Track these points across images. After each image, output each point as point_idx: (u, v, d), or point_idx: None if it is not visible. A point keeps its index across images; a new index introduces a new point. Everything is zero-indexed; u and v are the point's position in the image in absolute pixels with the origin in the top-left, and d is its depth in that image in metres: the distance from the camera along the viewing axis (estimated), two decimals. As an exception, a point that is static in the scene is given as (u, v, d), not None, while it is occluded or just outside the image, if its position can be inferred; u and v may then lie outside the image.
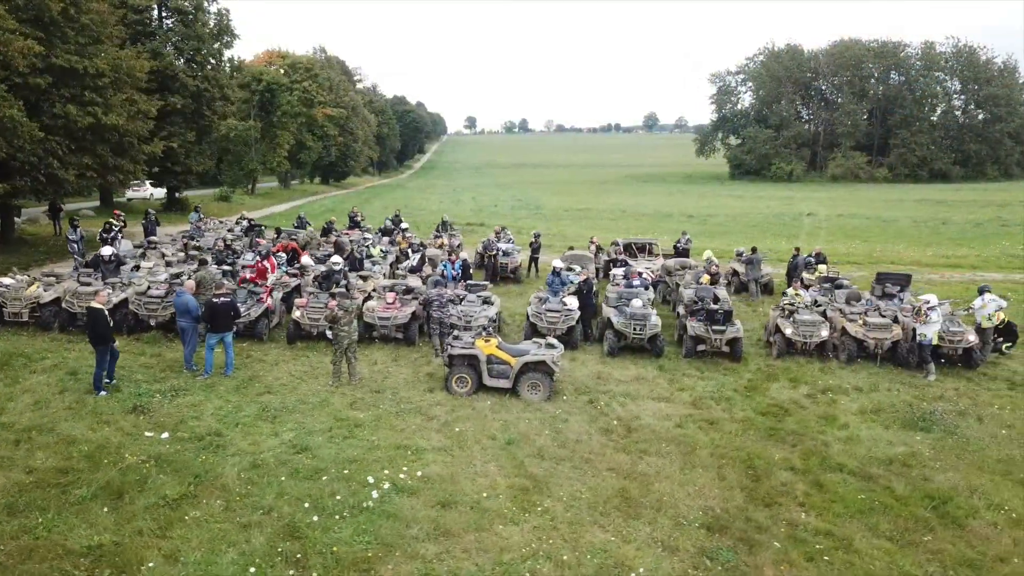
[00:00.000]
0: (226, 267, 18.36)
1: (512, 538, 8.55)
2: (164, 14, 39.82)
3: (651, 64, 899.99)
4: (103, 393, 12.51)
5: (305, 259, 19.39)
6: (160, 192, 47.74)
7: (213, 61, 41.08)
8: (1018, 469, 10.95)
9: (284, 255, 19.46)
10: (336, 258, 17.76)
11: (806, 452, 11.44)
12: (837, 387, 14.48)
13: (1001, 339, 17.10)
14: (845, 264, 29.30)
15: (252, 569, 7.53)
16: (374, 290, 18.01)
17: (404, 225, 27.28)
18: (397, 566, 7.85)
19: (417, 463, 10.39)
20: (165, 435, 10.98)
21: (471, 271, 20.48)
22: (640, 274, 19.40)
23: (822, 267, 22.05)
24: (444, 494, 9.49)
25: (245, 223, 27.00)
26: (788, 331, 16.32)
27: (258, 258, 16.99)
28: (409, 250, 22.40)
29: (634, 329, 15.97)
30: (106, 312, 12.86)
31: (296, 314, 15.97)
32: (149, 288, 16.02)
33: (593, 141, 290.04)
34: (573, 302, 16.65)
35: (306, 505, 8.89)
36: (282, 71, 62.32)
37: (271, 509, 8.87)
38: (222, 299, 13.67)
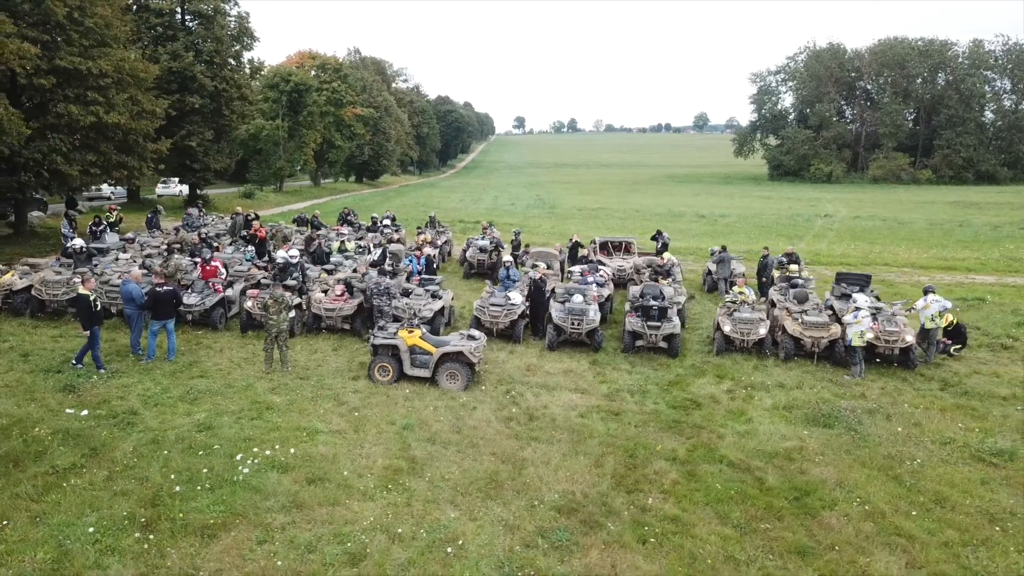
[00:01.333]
0: (198, 259, 19.21)
1: (362, 512, 9.07)
2: (186, 17, 41.30)
3: (703, 64, 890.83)
4: (79, 366, 13.69)
5: (281, 253, 20.13)
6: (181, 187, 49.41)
7: (233, 62, 42.45)
8: (898, 465, 11.08)
9: (252, 248, 20.29)
10: (293, 251, 18.49)
11: (696, 444, 11.71)
12: (760, 384, 14.65)
13: (950, 341, 17.00)
14: (837, 265, 29.01)
15: (91, 528, 8.20)
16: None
17: (386, 221, 28.04)
18: (239, 532, 8.45)
19: (308, 443, 10.97)
20: (84, 412, 11.75)
21: (435, 266, 21.01)
22: (596, 271, 19.71)
23: (793, 267, 21.99)
24: (317, 472, 10.06)
25: (240, 218, 27.98)
26: (727, 328, 16.51)
27: (199, 261, 17.78)
28: (371, 244, 23.04)
29: (572, 323, 16.35)
30: (91, 298, 13.69)
31: (248, 304, 16.72)
32: (113, 277, 16.93)
33: (641, 141, 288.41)
34: (517, 297, 17.07)
35: (172, 477, 9.55)
36: (312, 72, 63.77)
37: (147, 480, 9.54)
38: (164, 288, 14.47)
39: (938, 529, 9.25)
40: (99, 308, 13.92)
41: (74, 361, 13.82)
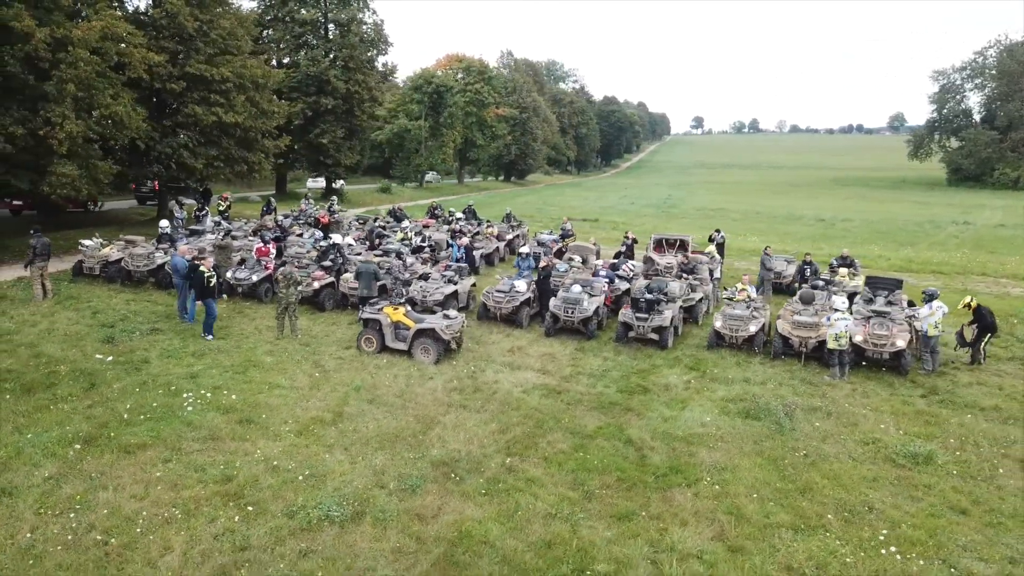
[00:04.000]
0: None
1: (262, 448, 10.73)
2: (328, 26, 45.30)
3: (899, 62, 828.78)
4: (210, 337, 15.85)
5: (336, 237, 22.45)
6: (338, 183, 54.19)
7: (368, 67, 46.02)
8: (790, 455, 11.31)
9: (320, 233, 22.80)
10: (336, 236, 20.65)
11: (613, 424, 12.41)
12: (724, 377, 14.94)
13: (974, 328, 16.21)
14: (928, 273, 27.62)
15: (26, 436, 10.44)
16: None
17: (459, 215, 29.88)
18: (153, 452, 10.37)
19: (264, 394, 12.82)
20: (110, 358, 14.30)
21: (474, 254, 22.49)
22: (614, 266, 20.38)
23: (843, 270, 21.52)
24: (252, 416, 11.85)
25: (337, 209, 30.92)
26: (717, 324, 16.80)
27: (260, 243, 20.29)
28: (427, 235, 24.99)
29: (565, 312, 17.27)
30: (206, 275, 16.24)
31: (287, 280, 18.97)
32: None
33: (826, 143, 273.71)
34: (522, 285, 18.19)
35: (127, 407, 11.70)
36: (458, 74, 67.12)
37: (113, 409, 11.75)
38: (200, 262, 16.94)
39: (775, 513, 9.58)
40: (212, 284, 16.34)
41: (204, 335, 16.11)
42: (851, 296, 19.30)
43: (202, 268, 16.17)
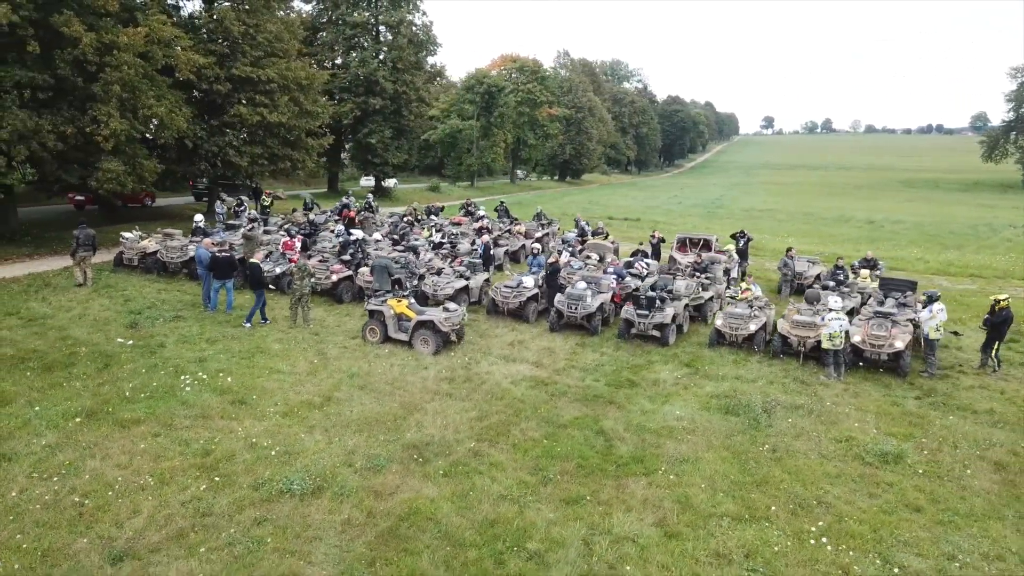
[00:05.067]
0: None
1: (246, 427, 11.43)
2: (379, 28, 46.45)
3: (982, 58, 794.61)
4: (247, 325, 16.80)
5: (358, 232, 23.27)
6: (391, 182, 55.55)
7: (416, 68, 46.98)
8: (756, 450, 11.46)
9: (343, 226, 23.71)
10: (358, 232, 21.42)
11: (590, 415, 12.74)
12: (717, 375, 15.08)
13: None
14: (961, 276, 26.97)
15: (35, 409, 11.37)
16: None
17: (481, 212, 30.49)
18: (145, 427, 11.17)
19: (262, 378, 13.57)
20: (130, 342, 15.29)
21: (491, 252, 22.98)
22: (628, 264, 20.62)
23: (864, 272, 21.28)
24: (246, 397, 12.58)
25: (371, 203, 31.87)
26: (718, 323, 16.91)
27: (287, 237, 21.27)
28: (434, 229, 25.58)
29: (569, 307, 17.61)
30: (260, 266, 17.40)
31: (307, 273, 19.79)
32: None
33: (903, 143, 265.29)
34: (529, 281, 18.61)
35: (131, 385, 12.57)
36: (512, 74, 67.74)
37: (119, 388, 12.64)
38: (223, 254, 17.90)
39: (723, 503, 9.81)
40: (263, 276, 17.34)
41: (262, 321, 17.17)
42: (868, 297, 19.20)
43: (254, 260, 17.16)
